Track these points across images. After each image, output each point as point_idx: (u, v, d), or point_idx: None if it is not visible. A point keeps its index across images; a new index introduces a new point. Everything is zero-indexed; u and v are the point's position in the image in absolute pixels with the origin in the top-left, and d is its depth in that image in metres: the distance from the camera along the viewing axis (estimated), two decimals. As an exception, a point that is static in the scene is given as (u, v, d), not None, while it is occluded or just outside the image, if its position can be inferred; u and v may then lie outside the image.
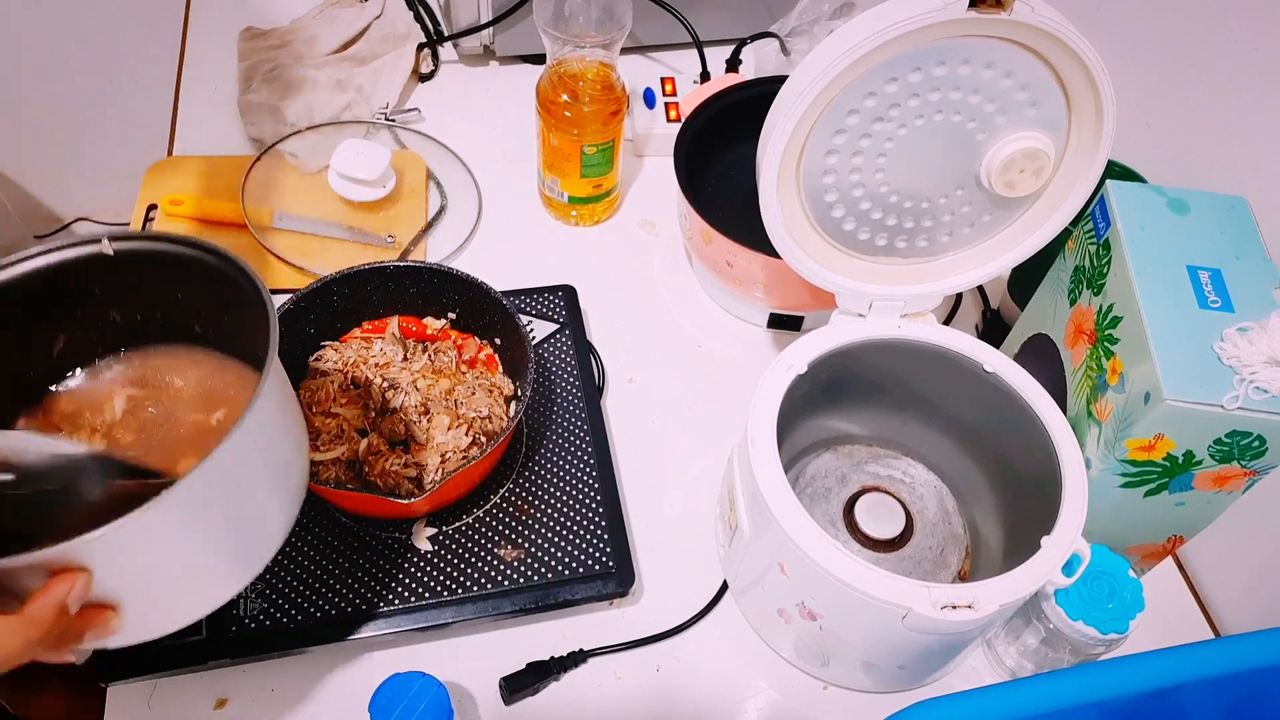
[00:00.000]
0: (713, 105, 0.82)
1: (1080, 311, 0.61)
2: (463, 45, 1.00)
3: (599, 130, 0.80)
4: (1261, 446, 0.52)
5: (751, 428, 0.56)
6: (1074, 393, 0.60)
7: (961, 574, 0.66)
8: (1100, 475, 0.56)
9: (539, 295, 0.79)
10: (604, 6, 0.76)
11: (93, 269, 0.52)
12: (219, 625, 0.58)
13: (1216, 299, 0.54)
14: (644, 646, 0.63)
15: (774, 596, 0.58)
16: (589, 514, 0.66)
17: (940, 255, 0.62)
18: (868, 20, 0.49)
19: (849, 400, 0.68)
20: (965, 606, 0.49)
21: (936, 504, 0.69)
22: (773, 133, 0.53)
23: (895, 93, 0.52)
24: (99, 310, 0.55)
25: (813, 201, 0.58)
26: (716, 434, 0.75)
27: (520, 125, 0.93)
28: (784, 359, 0.59)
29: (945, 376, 0.63)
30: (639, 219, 0.91)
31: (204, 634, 0.58)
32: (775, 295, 0.77)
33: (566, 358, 0.75)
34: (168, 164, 0.89)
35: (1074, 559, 0.52)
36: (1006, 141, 0.55)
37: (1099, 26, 0.75)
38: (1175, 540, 0.61)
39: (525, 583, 0.62)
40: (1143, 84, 0.74)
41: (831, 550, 0.51)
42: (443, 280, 0.69)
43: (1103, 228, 0.59)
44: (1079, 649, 0.57)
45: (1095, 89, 0.52)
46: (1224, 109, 0.67)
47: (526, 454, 0.69)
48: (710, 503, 0.70)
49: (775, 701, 0.62)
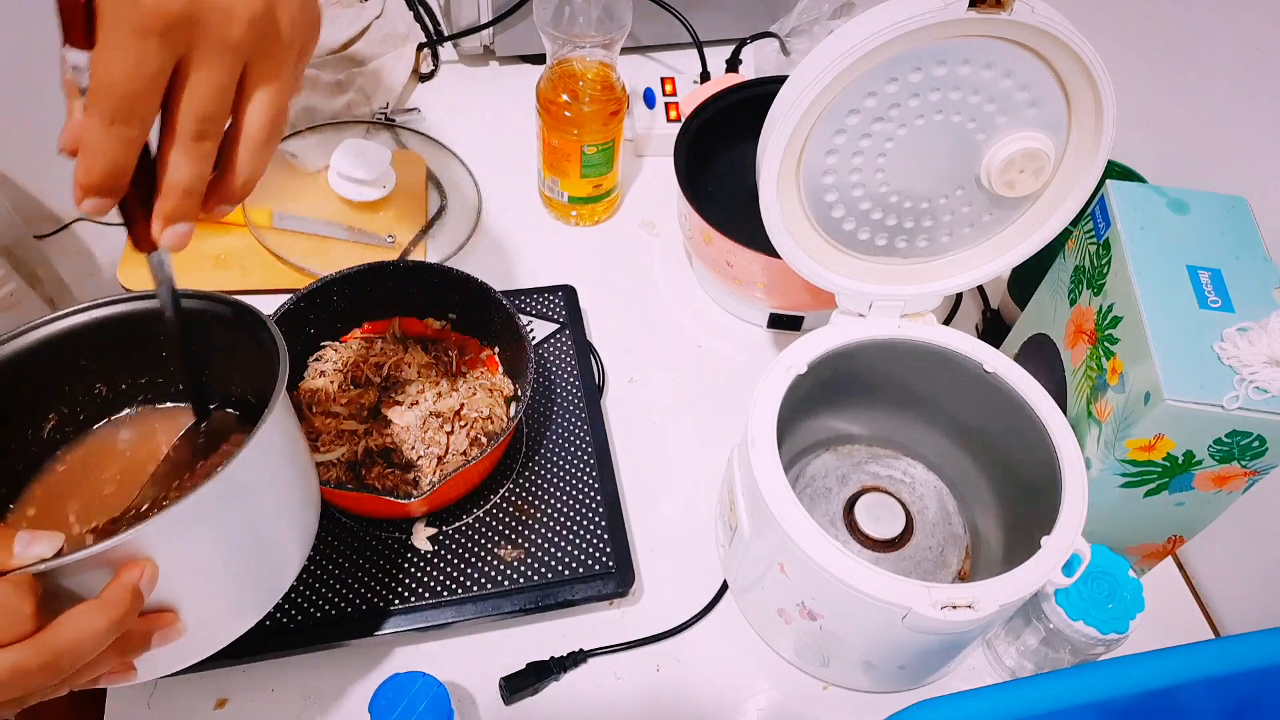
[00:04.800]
0: (713, 105, 0.82)
1: (1080, 311, 0.61)
2: (463, 45, 1.00)
3: (599, 130, 0.80)
4: (1261, 446, 0.52)
5: (751, 428, 0.56)
6: (1074, 393, 0.60)
7: (961, 574, 0.66)
8: (1100, 475, 0.56)
9: (539, 295, 0.79)
10: (604, 6, 0.76)
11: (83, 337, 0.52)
12: (219, 625, 0.58)
13: (1216, 299, 0.54)
14: (644, 646, 0.63)
15: (774, 596, 0.58)
16: (589, 514, 0.66)
17: (940, 255, 0.62)
18: (868, 20, 0.49)
19: (849, 400, 0.68)
20: (965, 606, 0.49)
21: (936, 504, 0.69)
22: (773, 133, 0.53)
23: (895, 93, 0.52)
24: (86, 381, 0.55)
25: (813, 201, 0.58)
26: (716, 434, 0.75)
27: (520, 125, 0.93)
28: (784, 359, 0.59)
29: (945, 376, 0.63)
30: (639, 219, 0.91)
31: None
32: (775, 295, 0.77)
33: (566, 358, 0.75)
34: (168, 164, 0.89)
35: (1074, 559, 0.52)
36: (1006, 142, 0.55)
37: (1099, 26, 0.75)
38: (1175, 540, 0.61)
39: (525, 583, 0.62)
40: (1143, 84, 0.74)
41: (831, 550, 0.51)
42: (443, 280, 0.69)
43: (1103, 228, 0.59)
44: (1079, 649, 0.57)
45: (1095, 89, 0.52)
46: (1224, 109, 0.67)
47: (526, 454, 0.69)
48: (710, 503, 0.70)
49: (775, 701, 0.62)
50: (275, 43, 0.40)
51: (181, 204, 0.40)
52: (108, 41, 0.36)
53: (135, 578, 0.39)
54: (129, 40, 0.36)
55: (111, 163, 0.38)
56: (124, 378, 0.57)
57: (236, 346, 0.52)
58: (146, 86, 0.37)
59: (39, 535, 0.38)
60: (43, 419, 0.55)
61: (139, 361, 0.56)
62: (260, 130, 0.41)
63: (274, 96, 0.41)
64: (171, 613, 0.42)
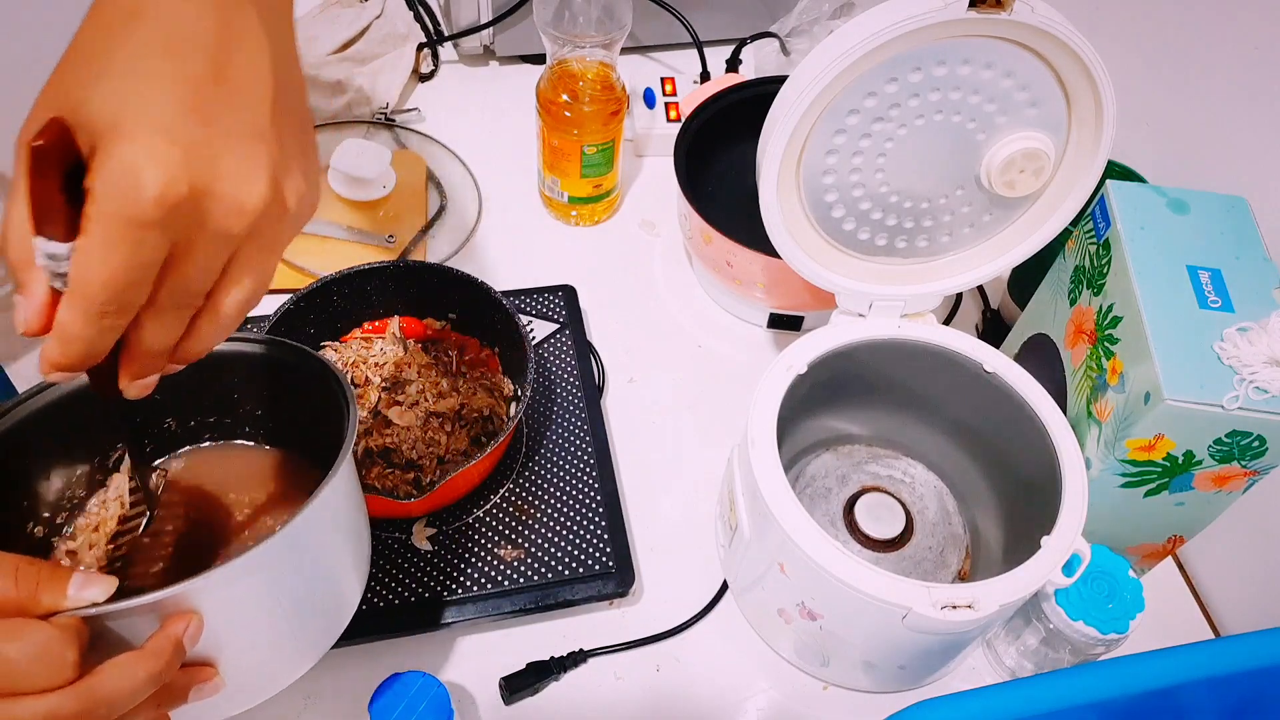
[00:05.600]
0: (713, 105, 0.82)
1: (1080, 311, 0.61)
2: (463, 45, 1.00)
3: (599, 130, 0.80)
4: (1261, 446, 0.52)
5: (751, 428, 0.56)
6: (1074, 393, 0.60)
7: (961, 574, 0.66)
8: (1100, 475, 0.56)
9: (539, 295, 0.79)
10: (604, 6, 0.76)
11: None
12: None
13: (1216, 299, 0.54)
14: (644, 646, 0.63)
15: (774, 596, 0.58)
16: (589, 514, 0.66)
17: (940, 255, 0.62)
18: (868, 20, 0.49)
19: (849, 400, 0.68)
20: (965, 606, 0.49)
21: (936, 504, 0.69)
22: (773, 133, 0.53)
23: (895, 93, 0.52)
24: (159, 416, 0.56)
25: (813, 201, 0.58)
26: (716, 434, 0.75)
27: (520, 125, 0.93)
28: (784, 359, 0.59)
29: (945, 376, 0.63)
30: (639, 219, 0.91)
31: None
32: (775, 295, 0.77)
33: (566, 358, 0.75)
34: (168, 164, 0.89)
35: (1074, 559, 0.52)
36: (1006, 142, 0.55)
37: (1099, 26, 0.75)
38: (1175, 540, 0.61)
39: (525, 583, 0.62)
40: (1143, 84, 0.74)
41: (831, 550, 0.51)
42: (443, 280, 0.69)
43: (1103, 228, 0.59)
44: (1079, 649, 0.57)
45: (1095, 89, 0.52)
46: (1224, 109, 0.67)
47: (526, 454, 0.69)
48: (710, 503, 0.70)
49: (775, 701, 0.62)
50: (276, 224, 0.37)
51: (152, 364, 0.38)
52: (101, 235, 0.33)
53: (180, 631, 0.38)
54: (126, 232, 0.33)
55: (91, 347, 0.35)
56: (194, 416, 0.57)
57: (299, 390, 0.52)
58: (140, 278, 0.34)
59: (93, 578, 0.37)
60: (110, 449, 0.55)
61: (209, 401, 0.56)
62: (236, 312, 0.38)
63: (259, 280, 0.38)
64: (211, 667, 0.42)
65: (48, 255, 0.34)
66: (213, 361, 0.51)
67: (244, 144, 0.35)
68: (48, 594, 0.36)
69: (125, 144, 0.32)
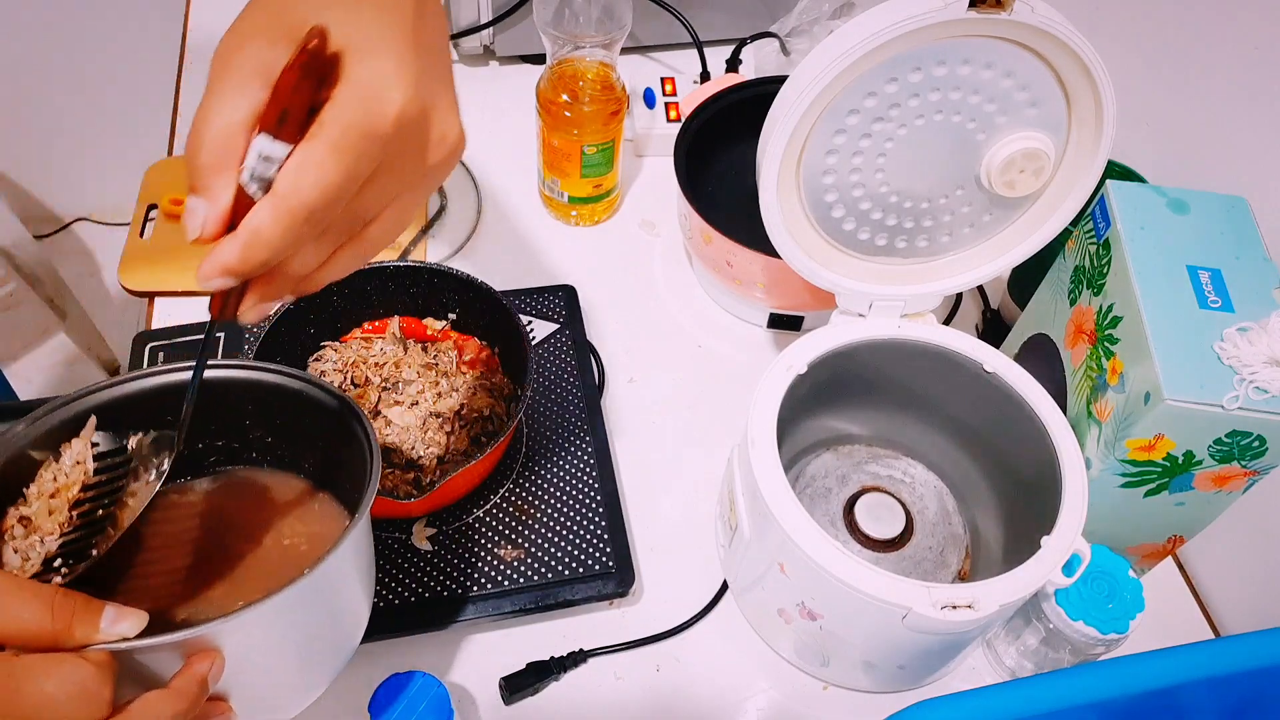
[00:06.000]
0: (713, 105, 0.82)
1: (1080, 311, 0.61)
2: (463, 45, 1.00)
3: (599, 130, 0.80)
4: (1261, 446, 0.52)
5: (751, 428, 0.56)
6: (1074, 393, 0.60)
7: (961, 574, 0.66)
8: (1100, 475, 0.56)
9: (539, 295, 0.79)
10: (604, 6, 0.76)
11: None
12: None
13: (1216, 299, 0.54)
14: (644, 646, 0.63)
15: (774, 596, 0.58)
16: (589, 514, 0.66)
17: (940, 255, 0.62)
18: (868, 20, 0.49)
19: (849, 400, 0.68)
20: (965, 606, 0.49)
21: (936, 504, 0.69)
22: (773, 133, 0.53)
23: (895, 93, 0.52)
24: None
25: (813, 201, 0.58)
26: (716, 434, 0.75)
27: (520, 125, 0.93)
28: (784, 359, 0.59)
29: (945, 376, 0.63)
30: (639, 219, 0.91)
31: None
32: (775, 295, 0.77)
33: (566, 358, 0.75)
34: (168, 164, 0.89)
35: (1074, 559, 0.52)
36: (1006, 142, 0.55)
37: (1099, 26, 0.75)
38: (1175, 540, 0.61)
39: (525, 583, 0.62)
40: (1143, 84, 0.74)
41: (831, 550, 0.51)
42: (443, 280, 0.69)
43: (1103, 228, 0.59)
44: (1079, 649, 0.57)
45: (1095, 89, 0.52)
46: (1224, 109, 0.67)
47: (526, 454, 0.69)
48: (710, 503, 0.70)
49: (775, 701, 0.62)
50: (448, 165, 0.39)
51: (285, 288, 0.38)
52: (331, 141, 0.33)
53: (205, 670, 0.38)
54: (358, 142, 0.33)
55: (275, 255, 0.34)
56: (202, 439, 0.56)
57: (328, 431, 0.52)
58: (349, 192, 0.34)
59: (125, 613, 0.37)
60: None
61: (218, 426, 0.55)
62: (376, 247, 0.39)
63: (407, 218, 0.39)
64: (225, 702, 0.42)
65: (263, 156, 0.33)
66: (236, 388, 0.51)
67: (443, 85, 0.38)
68: (81, 627, 0.36)
69: (373, 60, 0.34)
